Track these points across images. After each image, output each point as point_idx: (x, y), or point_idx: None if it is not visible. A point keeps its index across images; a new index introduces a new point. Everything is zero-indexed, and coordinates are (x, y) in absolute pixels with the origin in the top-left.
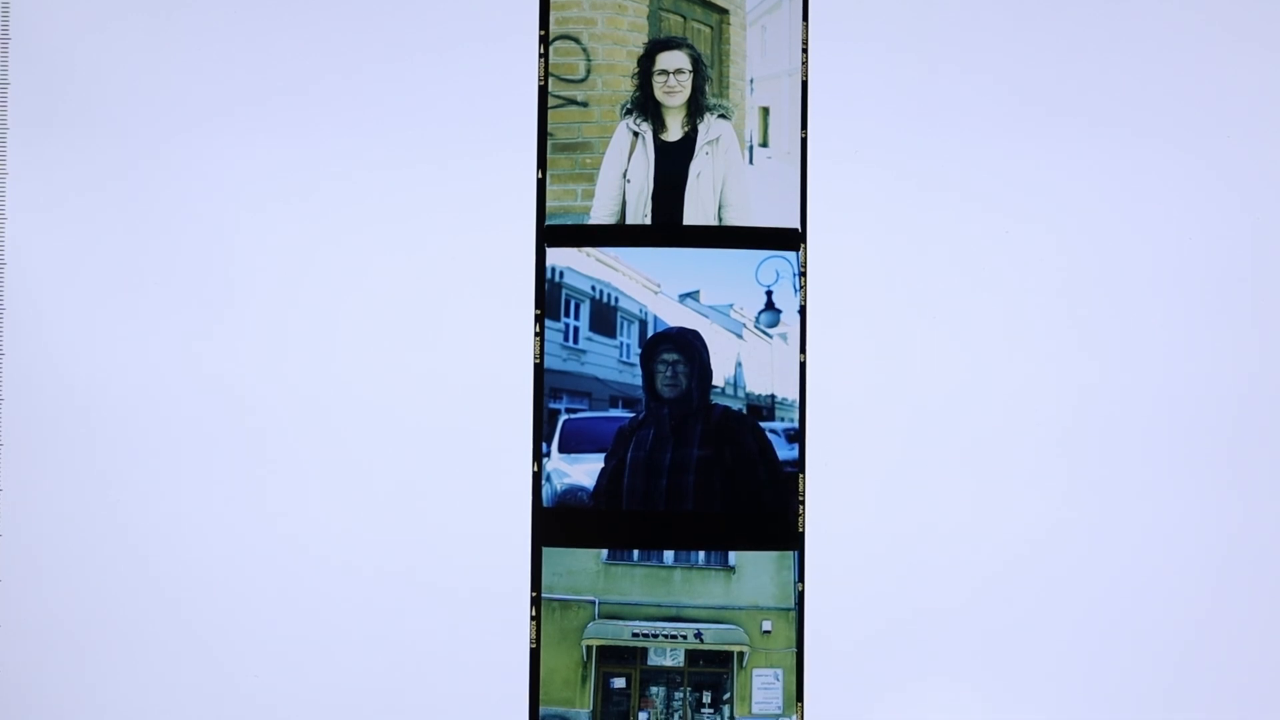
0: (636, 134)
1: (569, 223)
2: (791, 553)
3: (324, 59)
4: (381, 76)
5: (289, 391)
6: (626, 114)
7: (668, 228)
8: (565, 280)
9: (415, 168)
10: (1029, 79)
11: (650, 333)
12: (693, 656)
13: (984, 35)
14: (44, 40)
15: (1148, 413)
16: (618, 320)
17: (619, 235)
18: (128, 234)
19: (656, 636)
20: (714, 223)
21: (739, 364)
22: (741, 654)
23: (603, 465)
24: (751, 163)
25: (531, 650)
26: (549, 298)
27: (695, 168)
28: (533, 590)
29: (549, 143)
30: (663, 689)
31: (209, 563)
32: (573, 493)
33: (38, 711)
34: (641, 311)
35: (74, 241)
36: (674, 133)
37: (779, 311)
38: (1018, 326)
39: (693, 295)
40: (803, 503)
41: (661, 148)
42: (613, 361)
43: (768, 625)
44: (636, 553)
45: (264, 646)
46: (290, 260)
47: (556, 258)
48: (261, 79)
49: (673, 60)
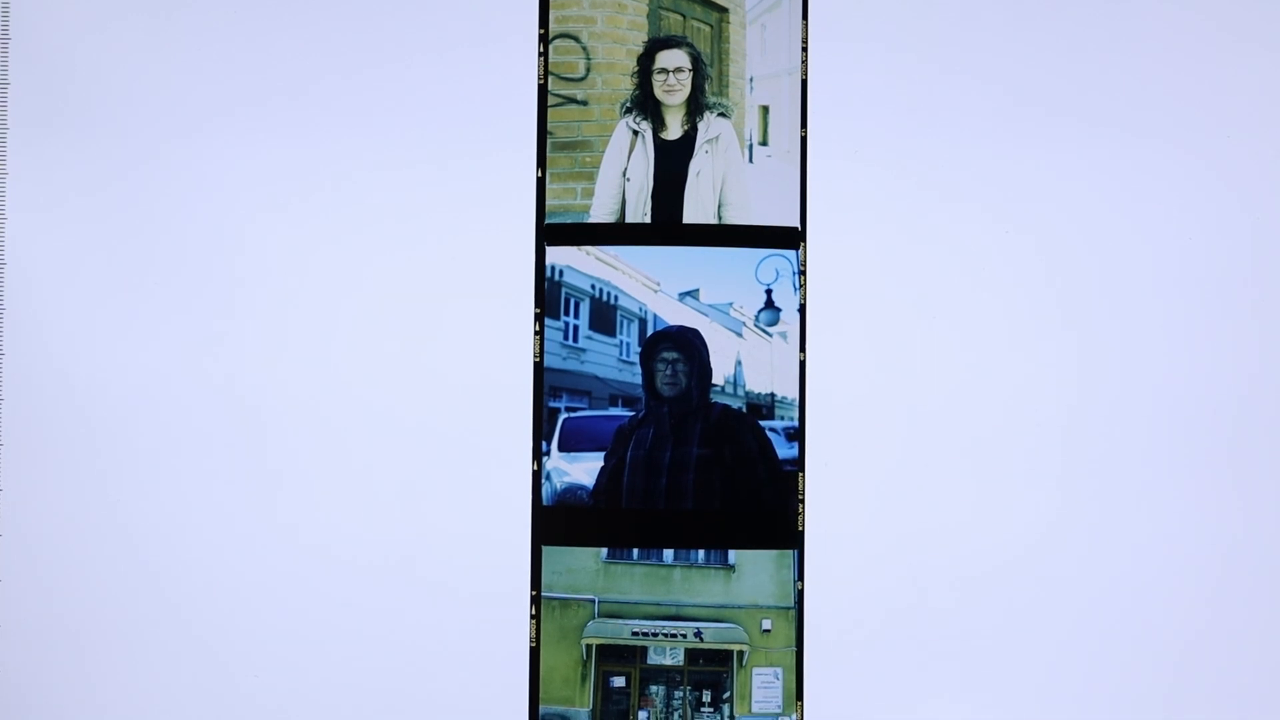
0: (636, 132)
1: (569, 221)
2: (791, 551)
3: (323, 58)
4: (381, 76)
5: (289, 390)
6: (626, 112)
7: (667, 226)
8: (565, 279)
9: (415, 167)
10: (1029, 78)
11: (650, 331)
12: (692, 655)
13: (984, 34)
14: (44, 40)
15: (1148, 412)
16: (617, 319)
17: (619, 234)
18: (128, 234)
19: (656, 635)
20: (714, 221)
21: (739, 362)
22: (741, 653)
23: (602, 464)
24: (751, 161)
25: (531, 649)
26: (549, 296)
27: (695, 166)
28: (532, 589)
29: (549, 141)
30: (662, 688)
31: (209, 562)
32: (572, 491)
33: (38, 711)
34: (641, 310)
35: (74, 242)
36: (674, 131)
37: (779, 310)
38: (1018, 325)
39: (692, 294)
40: (802, 501)
41: (661, 146)
42: (612, 360)
43: (767, 624)
44: (636, 551)
45: (264, 646)
46: (290, 259)
47: (556, 256)
48: (261, 79)
49: (672, 59)
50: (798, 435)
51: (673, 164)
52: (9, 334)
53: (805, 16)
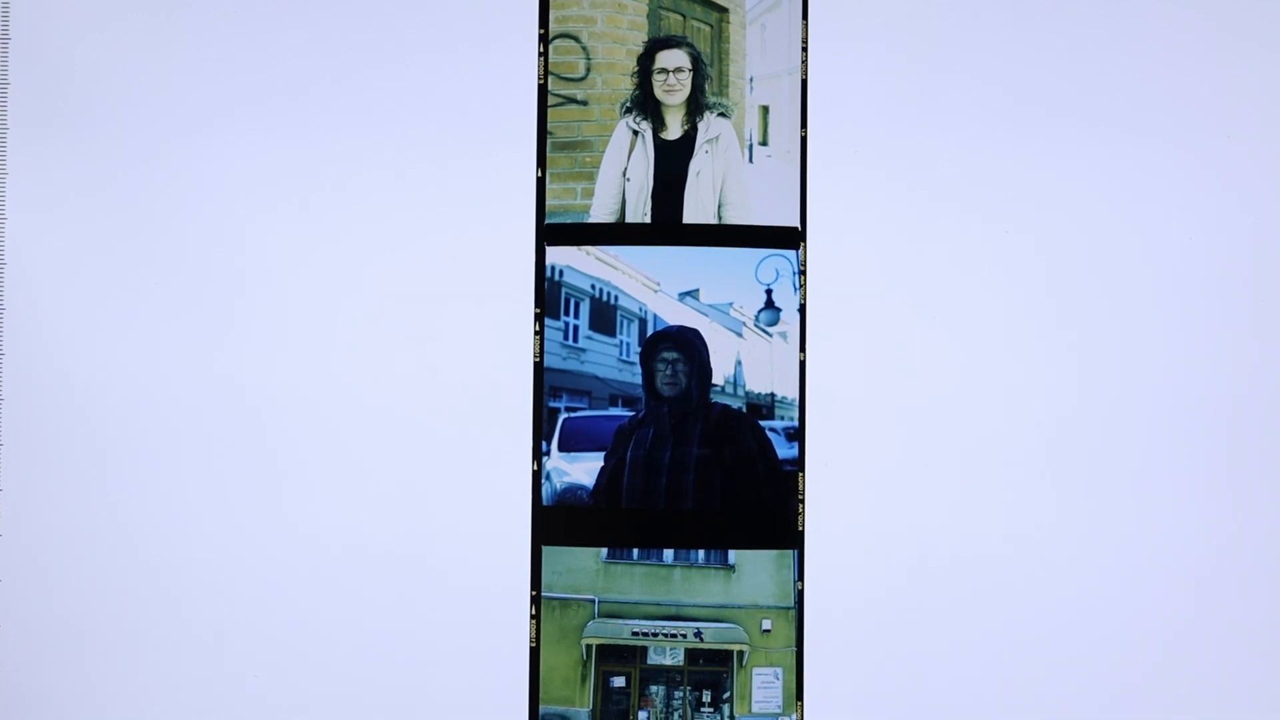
0: (636, 132)
1: (569, 221)
2: (791, 551)
3: (324, 58)
4: (381, 75)
5: (288, 390)
6: (626, 112)
7: (667, 226)
8: (565, 279)
9: (415, 167)
10: (1029, 78)
11: (650, 331)
12: (692, 655)
13: (984, 34)
14: (44, 40)
15: (1149, 412)
16: (617, 319)
17: (619, 234)
18: (128, 234)
19: (656, 635)
20: (714, 221)
21: (739, 362)
22: (741, 653)
23: (602, 464)
24: (751, 161)
25: (531, 649)
26: (549, 296)
27: (695, 166)
28: (532, 589)
29: (549, 141)
30: (662, 688)
31: (208, 562)
32: (572, 491)
33: (38, 711)
34: (641, 310)
35: (74, 242)
36: (674, 131)
37: (779, 310)
38: (1018, 325)
39: (692, 294)
40: (802, 501)
41: (661, 146)
42: (612, 360)
43: (767, 624)
44: (636, 551)
45: (264, 647)
46: (290, 259)
47: (556, 256)
48: (261, 79)
49: (672, 59)
50: (798, 435)
51: (673, 164)
52: (9, 334)
53: (805, 16)
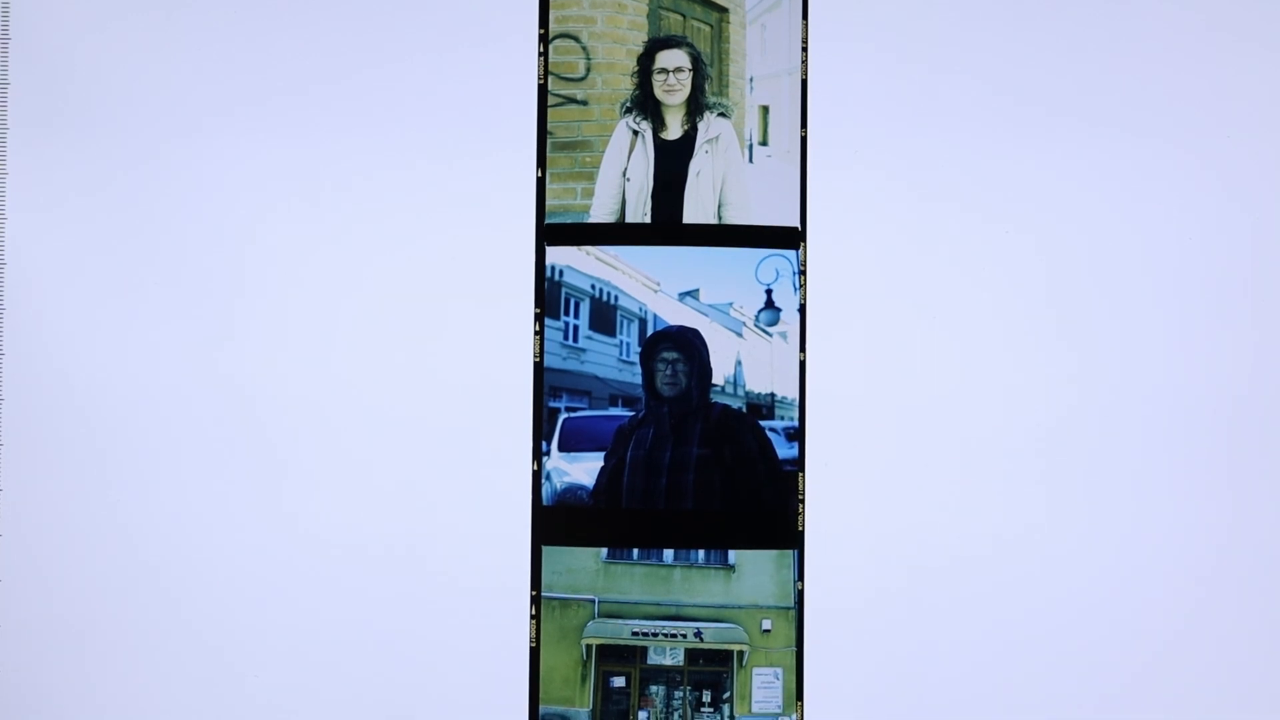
0: (636, 132)
1: (569, 221)
2: (791, 551)
3: (324, 58)
4: (381, 76)
5: (288, 390)
6: (626, 112)
7: (667, 226)
8: (565, 279)
9: (415, 167)
10: (1029, 78)
11: (650, 331)
12: (692, 655)
13: (984, 34)
14: (44, 40)
15: (1148, 413)
16: (617, 319)
17: (619, 234)
18: (128, 234)
19: (656, 635)
20: (714, 221)
21: (739, 362)
22: (741, 653)
23: (602, 464)
24: (751, 161)
25: (531, 649)
26: (549, 296)
27: (695, 166)
28: (532, 589)
29: (549, 141)
30: (662, 688)
31: (208, 562)
32: (572, 491)
33: (38, 711)
34: (641, 310)
35: (74, 242)
36: (674, 131)
37: (779, 310)
38: (1018, 325)
39: (692, 294)
40: (802, 501)
41: (661, 146)
42: (612, 360)
43: (767, 624)
44: (636, 551)
45: (265, 647)
46: (290, 259)
47: (556, 256)
48: (261, 79)
49: (672, 59)
50: (798, 435)
51: (673, 164)
52: (9, 334)
53: (805, 16)
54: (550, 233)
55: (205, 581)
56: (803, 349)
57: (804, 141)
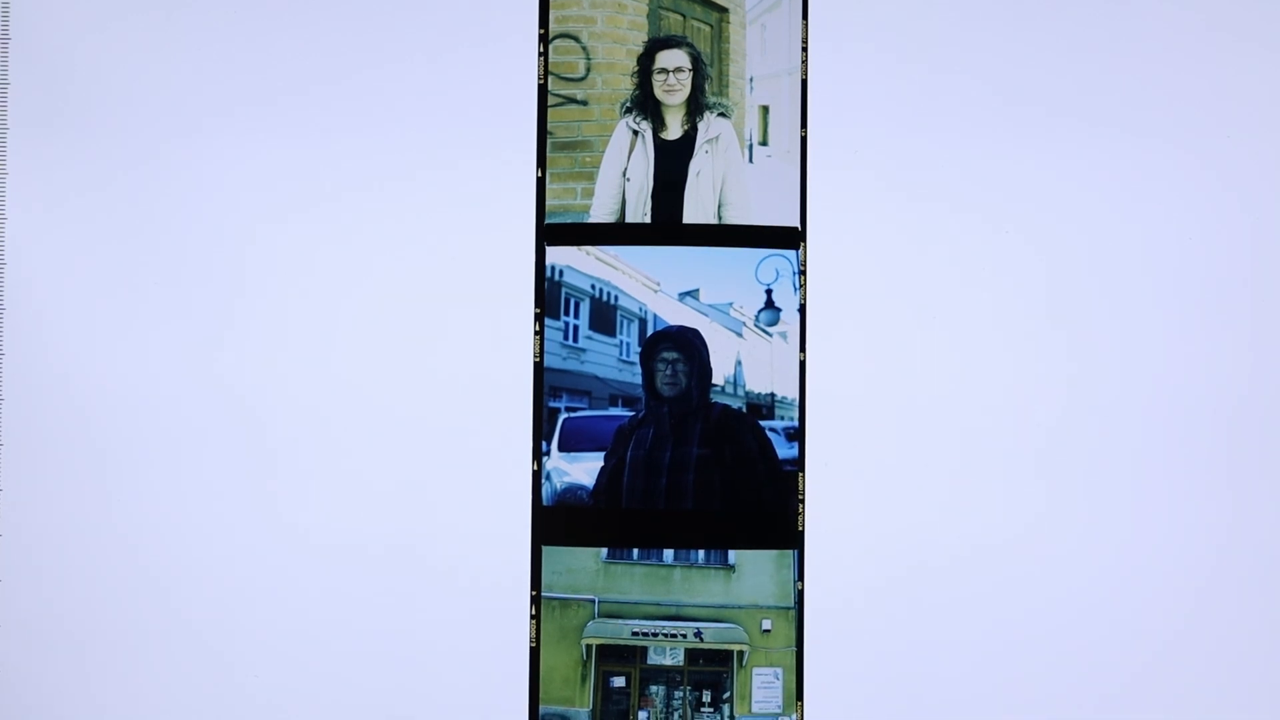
0: (636, 132)
1: (569, 221)
2: (791, 551)
3: (324, 59)
4: (381, 76)
5: (288, 390)
6: (626, 112)
7: (667, 226)
8: (565, 279)
9: (415, 167)
10: (1029, 78)
11: (650, 331)
12: (692, 655)
13: (984, 34)
14: (44, 40)
15: (1148, 413)
16: (617, 319)
17: (619, 234)
18: (128, 234)
19: (656, 635)
20: (714, 221)
21: (739, 362)
22: (741, 653)
23: (602, 464)
24: (751, 161)
25: (531, 649)
26: (549, 296)
27: (695, 166)
28: (532, 589)
29: (549, 141)
30: (662, 688)
31: (209, 562)
32: (572, 491)
33: (38, 711)
34: (641, 310)
35: (74, 242)
36: (674, 131)
37: (779, 310)
38: (1018, 325)
39: (692, 294)
40: (802, 501)
41: (661, 146)
42: (612, 360)
43: (767, 624)
44: (636, 551)
45: (264, 646)
46: (290, 259)
47: (556, 256)
48: (261, 79)
49: (672, 59)
50: (798, 435)
51: (673, 164)
52: (9, 334)
53: (805, 16)
54: (550, 233)
55: (205, 581)
56: (803, 349)
57: (804, 141)
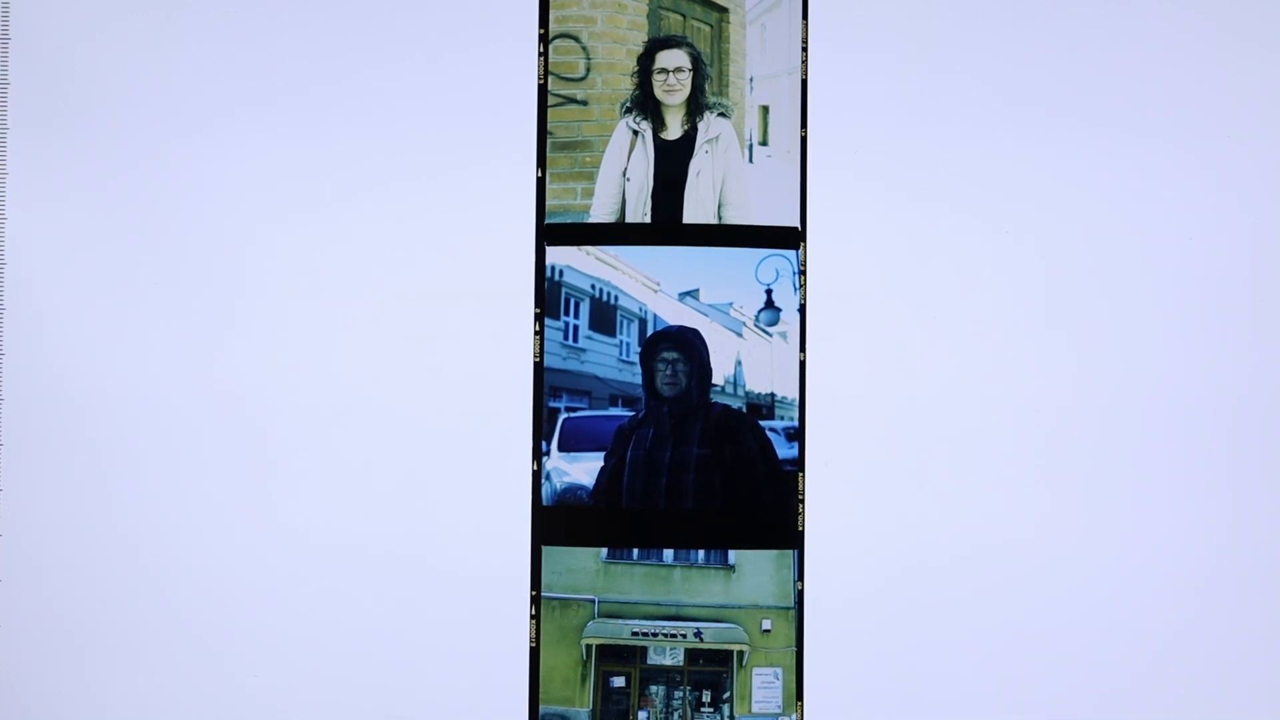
0: (636, 132)
1: (569, 221)
2: (791, 551)
3: (324, 59)
4: (381, 76)
5: (288, 390)
6: (626, 112)
7: (667, 226)
8: (565, 279)
9: (415, 167)
10: (1029, 79)
11: (650, 331)
12: (692, 655)
13: (984, 34)
14: (44, 40)
15: (1148, 413)
16: (617, 319)
17: (619, 234)
18: (128, 234)
19: (656, 635)
20: (714, 221)
21: (739, 362)
22: (741, 653)
23: (602, 464)
24: (751, 161)
25: (531, 649)
26: (549, 296)
27: (695, 166)
28: (532, 589)
29: (549, 141)
30: (662, 688)
31: (208, 562)
32: (572, 491)
33: (38, 711)
34: (641, 310)
35: (74, 242)
36: (674, 131)
37: (779, 310)
38: (1018, 325)
39: (692, 294)
40: (802, 501)
41: (661, 146)
42: (612, 360)
43: (767, 624)
44: (636, 551)
45: (264, 646)
46: (290, 259)
47: (556, 256)
48: (261, 79)
49: (672, 59)
50: (798, 435)
51: (673, 164)
52: (9, 334)
53: (805, 16)
54: (550, 233)
55: (205, 581)
56: (803, 349)
57: (804, 141)
